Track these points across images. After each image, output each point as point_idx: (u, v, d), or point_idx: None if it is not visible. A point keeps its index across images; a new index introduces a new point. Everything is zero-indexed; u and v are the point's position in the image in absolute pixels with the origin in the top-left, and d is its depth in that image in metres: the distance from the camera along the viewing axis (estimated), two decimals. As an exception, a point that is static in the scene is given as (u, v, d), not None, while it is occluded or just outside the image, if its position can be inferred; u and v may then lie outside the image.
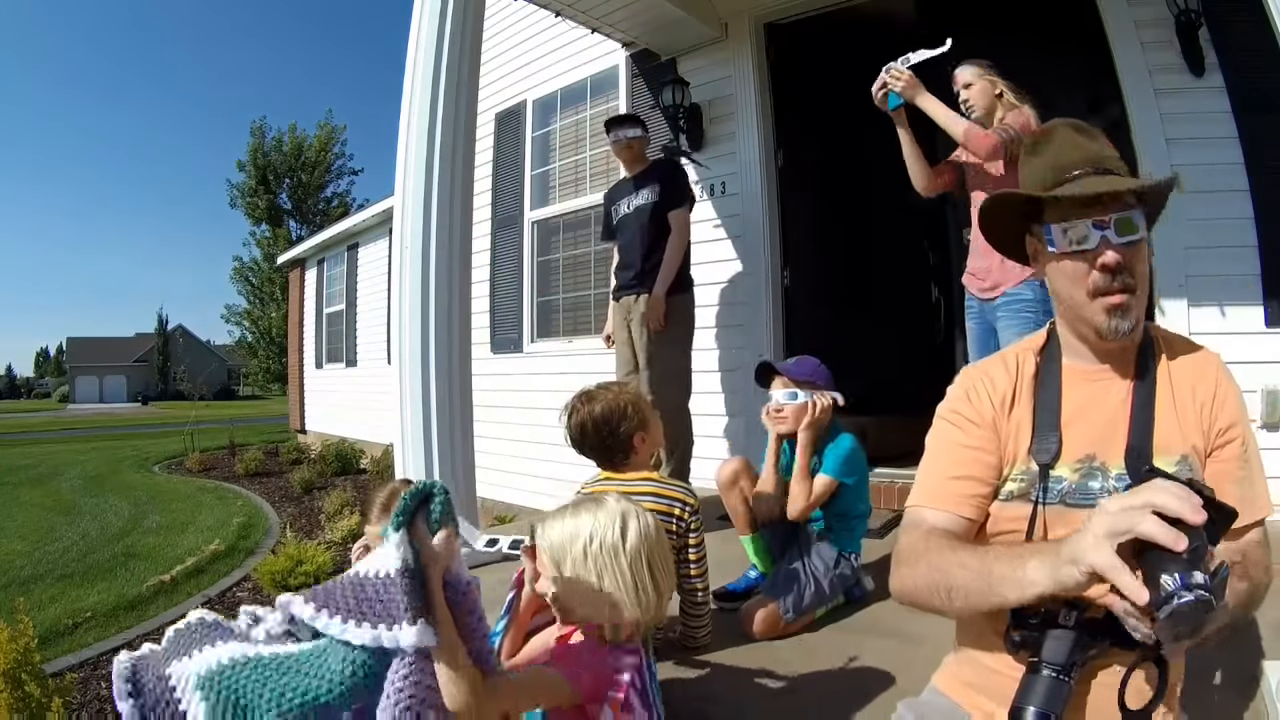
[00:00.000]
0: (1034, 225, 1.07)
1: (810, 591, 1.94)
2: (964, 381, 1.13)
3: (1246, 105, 2.71)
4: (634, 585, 1.09)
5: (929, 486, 1.08)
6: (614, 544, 1.10)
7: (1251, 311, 2.71)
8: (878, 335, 4.07)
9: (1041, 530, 0.99)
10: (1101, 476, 0.99)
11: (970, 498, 1.04)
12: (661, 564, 1.14)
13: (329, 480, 7.68)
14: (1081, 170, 1.01)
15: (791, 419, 2.05)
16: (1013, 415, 1.07)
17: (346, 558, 4.28)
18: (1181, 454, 0.99)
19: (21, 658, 2.08)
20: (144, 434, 16.41)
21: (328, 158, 27.50)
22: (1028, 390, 1.08)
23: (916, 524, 1.06)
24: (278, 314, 23.98)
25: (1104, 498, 0.94)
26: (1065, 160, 1.03)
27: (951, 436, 1.08)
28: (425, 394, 2.60)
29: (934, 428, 1.13)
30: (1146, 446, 0.99)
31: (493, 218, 5.30)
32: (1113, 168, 1.03)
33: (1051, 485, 1.01)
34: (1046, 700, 0.86)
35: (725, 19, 3.94)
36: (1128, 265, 0.99)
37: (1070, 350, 1.08)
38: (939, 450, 1.10)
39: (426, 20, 2.67)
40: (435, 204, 2.64)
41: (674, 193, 3.26)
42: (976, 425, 1.07)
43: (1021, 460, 1.04)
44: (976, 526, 1.05)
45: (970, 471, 1.05)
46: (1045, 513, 0.99)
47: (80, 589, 4.26)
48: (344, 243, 9.52)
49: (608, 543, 1.10)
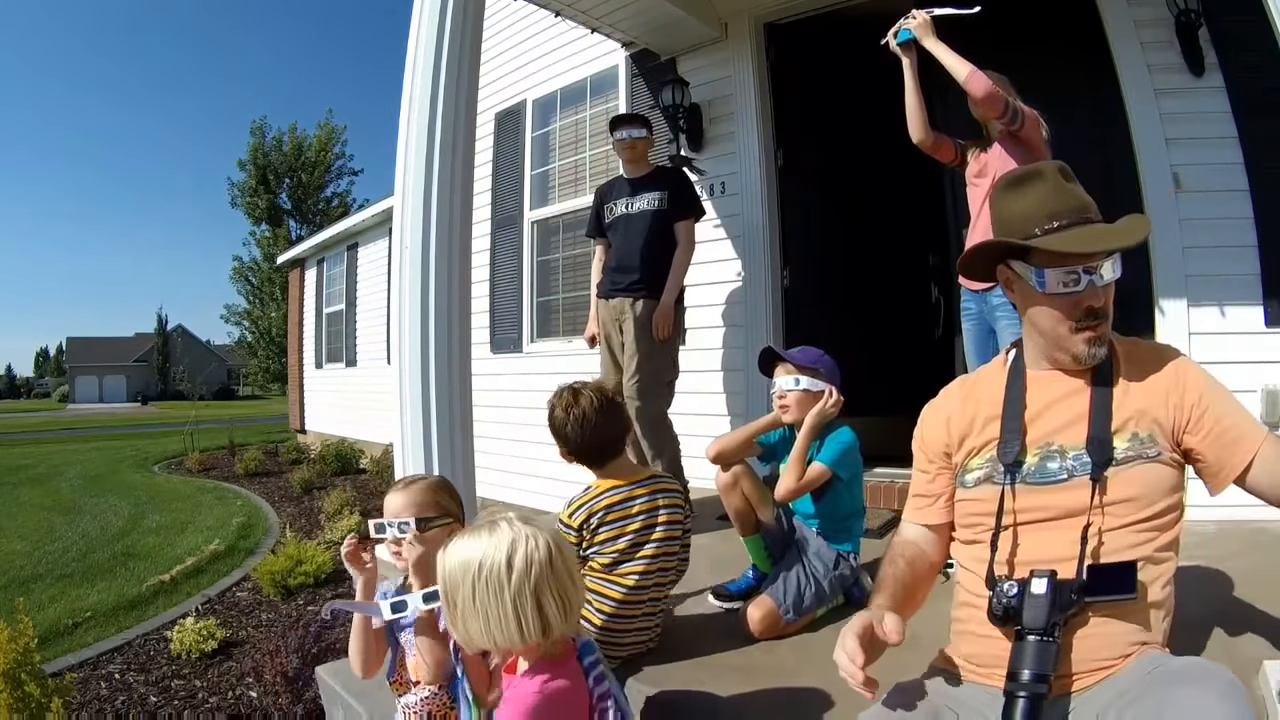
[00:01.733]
0: (1015, 262, 1.18)
1: (810, 592, 1.94)
2: (922, 418, 1.34)
3: (1246, 105, 2.71)
4: (515, 617, 1.07)
5: (907, 502, 1.34)
6: (500, 576, 1.07)
7: (1251, 311, 2.70)
8: (878, 335, 4.07)
9: (1010, 505, 1.14)
10: (1059, 458, 1.14)
11: (930, 510, 1.29)
12: (555, 590, 1.10)
13: (329, 480, 7.68)
14: (1070, 219, 1.12)
15: (795, 407, 2.06)
16: (968, 417, 1.25)
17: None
18: (1133, 432, 1.12)
19: (21, 658, 2.08)
20: (144, 434, 16.41)
21: (328, 158, 27.50)
22: (988, 394, 1.25)
23: (899, 532, 1.33)
24: (278, 314, 23.98)
25: (1062, 475, 1.12)
26: (1057, 207, 1.13)
27: (915, 463, 1.33)
28: (425, 394, 2.60)
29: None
30: (1106, 433, 1.12)
31: (492, 217, 5.30)
32: (1095, 216, 1.15)
33: (1017, 469, 1.16)
34: (1037, 662, 0.97)
35: (725, 19, 3.94)
36: (1106, 302, 1.14)
37: (1034, 364, 1.23)
38: (913, 471, 1.34)
39: (426, 19, 2.67)
40: (435, 203, 2.63)
41: (683, 202, 3.26)
42: (928, 459, 1.30)
43: (986, 451, 1.20)
44: (946, 524, 1.27)
45: (927, 490, 1.30)
46: (1013, 491, 1.14)
47: (80, 589, 4.26)
48: (344, 243, 9.52)
49: (493, 577, 1.07)
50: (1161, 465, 1.10)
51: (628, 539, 1.80)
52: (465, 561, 1.09)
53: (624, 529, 1.80)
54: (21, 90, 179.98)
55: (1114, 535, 1.08)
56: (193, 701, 2.80)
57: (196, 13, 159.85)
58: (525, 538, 1.10)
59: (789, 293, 3.87)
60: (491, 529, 1.12)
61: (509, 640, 1.09)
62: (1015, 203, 1.16)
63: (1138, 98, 2.86)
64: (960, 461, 1.24)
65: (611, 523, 1.80)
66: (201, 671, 3.05)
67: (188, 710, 2.72)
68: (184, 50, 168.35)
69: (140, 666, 3.16)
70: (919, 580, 1.24)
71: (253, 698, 2.76)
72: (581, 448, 1.85)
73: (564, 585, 1.11)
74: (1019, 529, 1.13)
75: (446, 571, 1.11)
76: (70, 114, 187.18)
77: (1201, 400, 1.11)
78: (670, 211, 3.22)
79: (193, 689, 2.91)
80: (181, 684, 2.96)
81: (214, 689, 2.90)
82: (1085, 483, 1.09)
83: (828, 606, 2.01)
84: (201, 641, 3.18)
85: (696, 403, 3.78)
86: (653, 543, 1.81)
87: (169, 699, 2.84)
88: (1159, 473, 1.10)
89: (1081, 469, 1.10)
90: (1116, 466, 1.10)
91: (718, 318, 3.99)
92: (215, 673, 3.04)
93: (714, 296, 3.97)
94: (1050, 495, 1.12)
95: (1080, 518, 1.08)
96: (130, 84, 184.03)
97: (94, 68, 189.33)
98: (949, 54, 2.32)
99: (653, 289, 3.18)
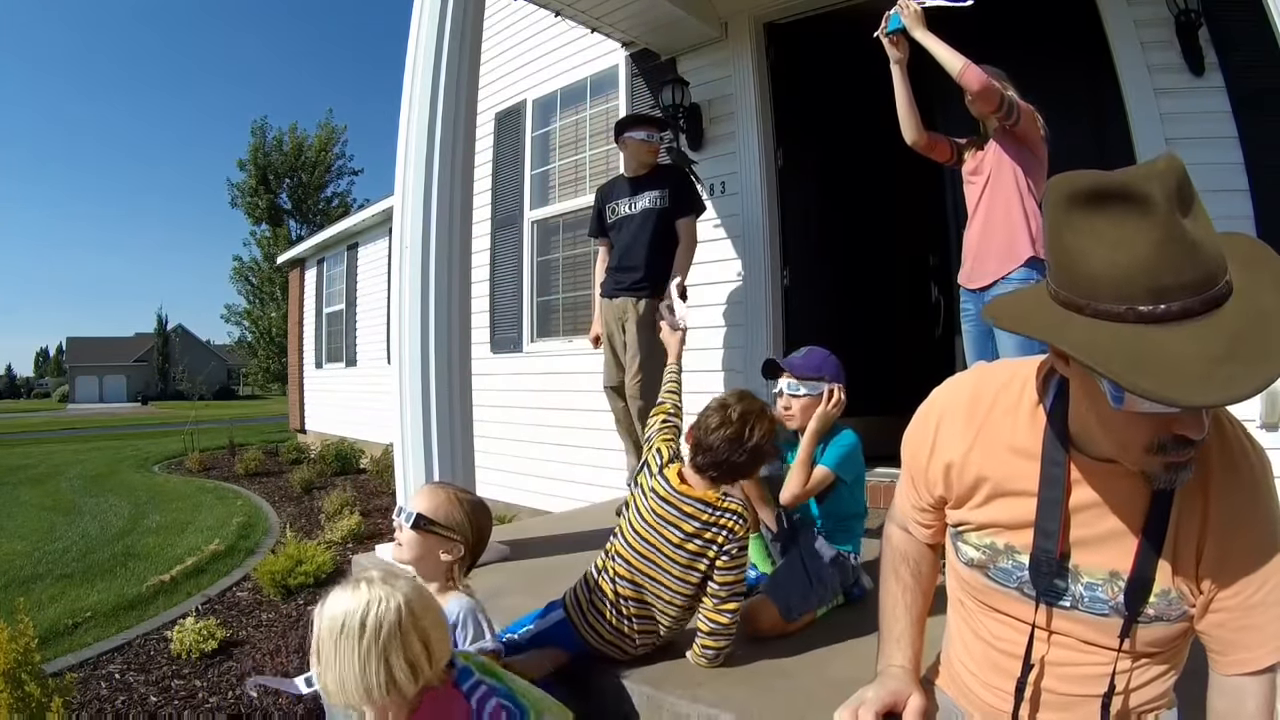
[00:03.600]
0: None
1: (810, 592, 1.94)
2: (913, 441, 1.06)
3: (1246, 105, 2.71)
4: (362, 676, 1.10)
5: (894, 502, 1.17)
6: (353, 636, 1.10)
7: (1251, 311, 2.70)
8: (878, 335, 4.07)
9: (1044, 623, 0.91)
10: (1107, 586, 0.87)
11: (919, 529, 1.11)
12: (403, 652, 1.12)
13: (329, 480, 7.67)
14: (1186, 300, 0.66)
15: (799, 414, 2.05)
16: (969, 470, 0.96)
17: (347, 557, 4.28)
18: (1164, 588, 0.85)
19: (21, 658, 2.07)
20: (144, 434, 16.40)
21: (328, 158, 27.48)
22: (1005, 459, 0.92)
23: (889, 536, 1.17)
24: (277, 314, 23.97)
25: (1106, 611, 0.88)
26: (1166, 280, 0.66)
27: (903, 479, 1.12)
28: (425, 394, 2.60)
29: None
30: (1150, 574, 0.84)
31: (493, 217, 5.30)
32: (1220, 289, 0.68)
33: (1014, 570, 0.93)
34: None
35: (725, 19, 3.94)
36: (1206, 426, 0.75)
37: (1083, 441, 0.87)
38: (900, 478, 1.14)
39: (426, 19, 2.67)
40: (435, 203, 2.64)
41: (685, 201, 3.26)
42: (914, 488, 1.08)
43: (991, 534, 0.96)
44: (939, 543, 1.10)
45: (918, 516, 1.10)
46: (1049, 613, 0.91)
47: (80, 589, 4.26)
48: (344, 242, 9.51)
49: (348, 636, 1.11)
50: (1182, 625, 0.88)
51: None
52: (332, 618, 1.12)
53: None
54: (21, 90, 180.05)
55: (1137, 693, 0.91)
56: (193, 701, 2.80)
57: (196, 12, 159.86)
58: (379, 600, 1.12)
59: (789, 292, 3.87)
60: (354, 587, 1.15)
61: (360, 697, 1.12)
62: (1094, 245, 0.70)
63: (1138, 98, 2.86)
64: (955, 519, 1.02)
65: None
66: (201, 671, 3.05)
67: (188, 710, 2.72)
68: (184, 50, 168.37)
69: (140, 666, 3.16)
70: (928, 599, 1.13)
71: (253, 698, 2.76)
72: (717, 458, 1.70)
73: (411, 648, 1.13)
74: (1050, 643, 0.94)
75: (319, 625, 1.14)
76: (70, 114, 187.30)
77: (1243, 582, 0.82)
78: (671, 210, 3.22)
79: (193, 689, 2.91)
80: (181, 684, 2.96)
81: (214, 689, 2.90)
82: (1117, 624, 0.88)
83: (828, 606, 2.01)
84: (202, 641, 3.18)
85: (696, 403, 3.78)
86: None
87: (169, 699, 2.84)
88: (1171, 632, 0.89)
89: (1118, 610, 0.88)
90: (1142, 624, 0.88)
91: (718, 318, 3.99)
92: (215, 673, 3.03)
93: (714, 296, 3.97)
94: (1087, 626, 0.90)
95: (1108, 654, 0.89)
96: (131, 83, 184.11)
97: (95, 67, 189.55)
98: (941, 46, 2.28)
99: (655, 287, 3.18)
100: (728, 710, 1.49)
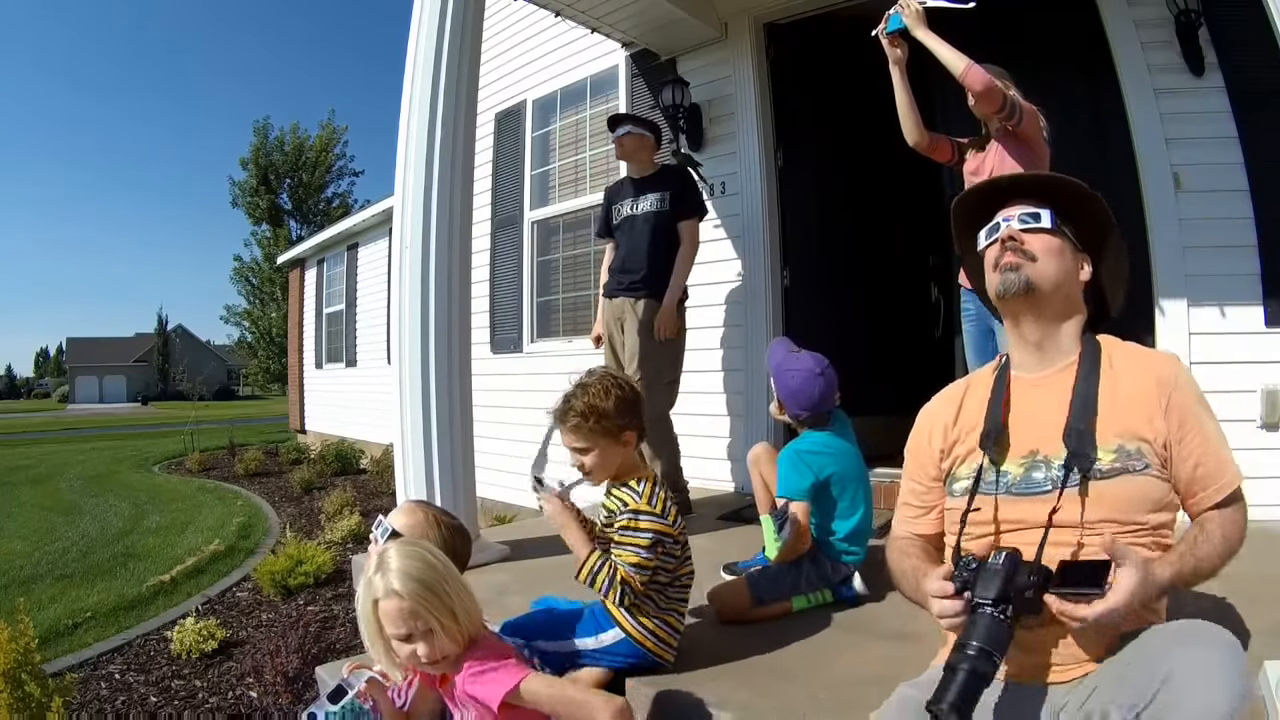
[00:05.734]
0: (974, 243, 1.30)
1: (783, 579, 1.98)
2: (916, 425, 1.34)
3: (1246, 105, 2.71)
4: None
5: (897, 509, 1.35)
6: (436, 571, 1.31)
7: (1251, 311, 2.70)
8: (878, 335, 4.07)
9: (993, 516, 1.14)
10: (1045, 468, 1.12)
11: (922, 521, 1.29)
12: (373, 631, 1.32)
13: (329, 480, 7.67)
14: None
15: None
16: (958, 425, 1.26)
17: (347, 558, 4.28)
18: (1119, 445, 1.09)
19: (21, 658, 2.07)
20: (144, 434, 16.41)
21: (329, 158, 27.53)
22: (976, 402, 1.24)
23: (893, 540, 1.33)
24: (278, 314, 23.99)
25: (1046, 486, 1.10)
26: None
27: (907, 470, 1.34)
28: (425, 394, 2.60)
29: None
30: (1086, 428, 1.09)
31: (493, 218, 5.30)
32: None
33: (1000, 479, 1.15)
34: (987, 637, 0.93)
35: (725, 19, 3.94)
36: (1022, 241, 1.19)
37: (1018, 365, 1.25)
38: (903, 478, 1.35)
39: (426, 19, 2.67)
40: (435, 203, 2.64)
41: (687, 202, 3.27)
42: (920, 467, 1.30)
43: (973, 458, 1.20)
44: (938, 534, 1.26)
45: (920, 501, 1.30)
46: (997, 501, 1.14)
47: (80, 589, 4.26)
48: (344, 243, 9.52)
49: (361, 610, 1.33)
50: (1149, 478, 1.08)
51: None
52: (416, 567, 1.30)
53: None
54: (21, 90, 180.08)
55: (1097, 539, 1.04)
56: (193, 701, 2.80)
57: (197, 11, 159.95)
58: (364, 584, 1.29)
59: (789, 293, 3.87)
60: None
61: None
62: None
63: (1138, 98, 2.86)
64: (948, 469, 1.25)
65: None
66: (201, 671, 3.05)
67: (188, 710, 2.72)
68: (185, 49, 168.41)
69: (140, 667, 3.16)
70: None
71: (253, 698, 2.76)
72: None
73: (371, 631, 1.31)
74: (1000, 537, 1.13)
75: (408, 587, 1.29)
76: (70, 113, 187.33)
77: (1185, 424, 1.08)
78: (673, 211, 3.23)
79: (193, 689, 2.91)
80: (181, 684, 2.96)
81: (214, 689, 2.89)
82: (1071, 495, 1.07)
83: (806, 598, 2.02)
84: (201, 642, 3.18)
85: (696, 403, 3.78)
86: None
87: (169, 699, 2.84)
88: (1145, 486, 1.08)
89: (1065, 479, 1.08)
90: (1102, 480, 1.07)
91: (718, 318, 3.99)
92: (215, 673, 3.03)
93: (714, 296, 3.97)
94: (1031, 506, 1.10)
95: (1062, 530, 1.06)
96: (131, 83, 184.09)
97: (95, 67, 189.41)
98: (944, 46, 2.27)
99: (654, 289, 3.18)
100: (728, 710, 1.49)
